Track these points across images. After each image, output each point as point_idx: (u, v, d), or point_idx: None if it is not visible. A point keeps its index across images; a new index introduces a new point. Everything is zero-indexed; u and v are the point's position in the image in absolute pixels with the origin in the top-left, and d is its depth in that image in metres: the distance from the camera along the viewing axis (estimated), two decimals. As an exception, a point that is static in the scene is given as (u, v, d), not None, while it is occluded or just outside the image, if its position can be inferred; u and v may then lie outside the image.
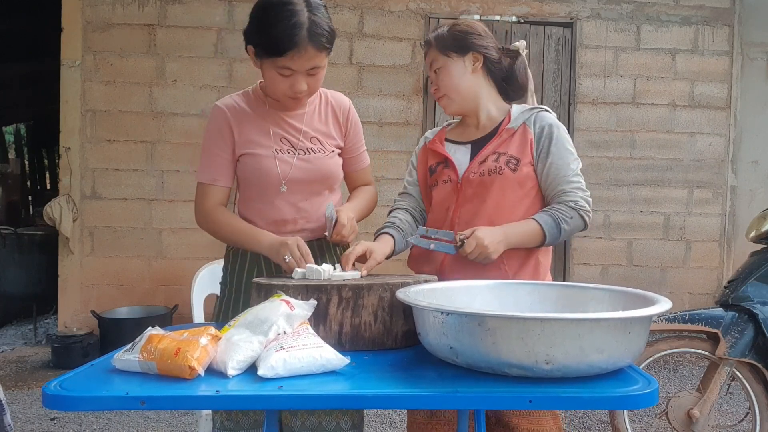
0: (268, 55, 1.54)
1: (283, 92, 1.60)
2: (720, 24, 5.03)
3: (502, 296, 1.44)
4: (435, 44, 1.74)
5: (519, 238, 1.61)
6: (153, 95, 4.68)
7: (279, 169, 1.66)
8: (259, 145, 1.67)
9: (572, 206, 1.64)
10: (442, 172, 1.74)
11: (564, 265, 5.02)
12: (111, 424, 3.21)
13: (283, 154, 1.67)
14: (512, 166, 1.65)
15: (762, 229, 2.59)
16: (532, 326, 1.04)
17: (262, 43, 1.54)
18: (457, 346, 1.12)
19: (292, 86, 1.58)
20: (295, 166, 1.67)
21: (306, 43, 1.50)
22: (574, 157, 1.69)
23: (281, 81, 1.57)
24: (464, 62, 1.72)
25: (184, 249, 4.69)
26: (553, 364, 1.05)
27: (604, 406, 1.16)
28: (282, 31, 1.49)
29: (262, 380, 1.08)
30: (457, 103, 1.76)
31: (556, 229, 1.62)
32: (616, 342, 1.07)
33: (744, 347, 2.49)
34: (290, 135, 1.70)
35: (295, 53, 1.51)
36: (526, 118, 1.71)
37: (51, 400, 1.01)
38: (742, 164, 5.10)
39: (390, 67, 4.81)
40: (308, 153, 1.70)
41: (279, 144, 1.68)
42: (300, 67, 1.54)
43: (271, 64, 1.55)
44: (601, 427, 3.30)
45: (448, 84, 1.74)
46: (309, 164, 1.69)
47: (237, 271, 1.73)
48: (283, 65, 1.53)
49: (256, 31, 1.55)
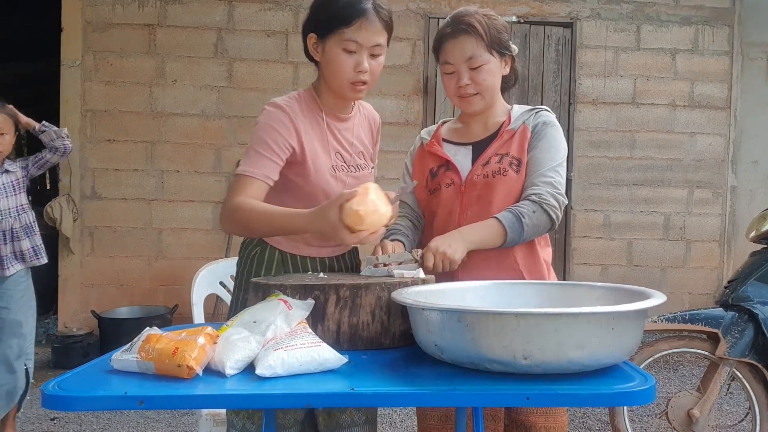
0: (333, 29, 1.53)
1: (347, 75, 1.55)
2: (720, 24, 5.03)
3: (509, 296, 1.43)
4: (483, 39, 1.62)
5: (477, 237, 1.57)
6: (153, 95, 4.68)
7: (338, 189, 1.60)
8: (320, 159, 1.61)
9: (534, 200, 1.59)
10: (445, 176, 1.70)
11: (564, 265, 5.02)
12: (111, 424, 3.21)
13: (339, 172, 1.63)
14: (515, 167, 1.64)
15: (762, 229, 2.59)
16: (508, 321, 1.04)
17: (327, 18, 1.54)
18: (441, 343, 1.13)
19: (357, 65, 1.54)
20: (348, 185, 1.62)
21: (372, 15, 1.51)
22: (557, 157, 1.65)
23: (346, 60, 1.54)
24: (502, 63, 1.68)
25: (184, 249, 4.69)
26: (531, 360, 1.04)
27: (601, 403, 1.16)
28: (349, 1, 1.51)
29: (260, 379, 1.08)
30: (485, 103, 1.68)
31: (517, 224, 1.56)
32: (598, 338, 1.05)
33: (744, 347, 2.49)
34: (343, 149, 1.66)
35: (363, 21, 1.51)
36: (526, 119, 1.69)
37: (50, 400, 1.01)
38: (742, 164, 5.09)
39: (390, 67, 4.78)
40: (358, 170, 1.68)
41: (335, 159, 1.64)
42: (365, 41, 1.53)
43: (336, 42, 1.53)
44: (601, 427, 3.30)
45: (488, 83, 1.65)
46: (358, 181, 1.63)
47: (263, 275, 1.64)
48: (350, 37, 1.52)
49: (320, 11, 1.56)
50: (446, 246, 1.53)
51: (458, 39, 1.63)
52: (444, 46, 1.67)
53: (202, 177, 4.71)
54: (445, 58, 1.67)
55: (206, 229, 4.70)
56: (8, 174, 2.93)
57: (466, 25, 1.63)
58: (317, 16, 1.58)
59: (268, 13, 4.72)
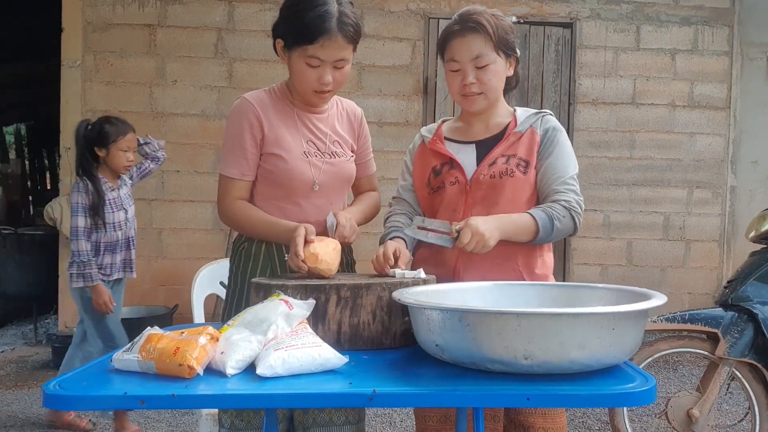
0: (297, 44, 1.56)
1: (310, 85, 1.60)
2: (720, 24, 5.03)
3: (510, 296, 1.43)
4: (491, 38, 1.61)
5: (513, 228, 1.57)
6: (153, 95, 4.68)
7: (312, 173, 1.66)
8: (289, 145, 1.66)
9: (565, 206, 1.62)
10: (449, 174, 1.69)
11: (564, 265, 5.02)
12: (111, 424, 3.21)
13: (312, 157, 1.67)
14: (522, 168, 1.64)
15: (762, 229, 2.59)
16: (509, 321, 1.04)
17: (292, 32, 1.57)
18: (442, 343, 1.13)
19: (320, 78, 1.58)
20: (324, 170, 1.68)
21: (336, 32, 1.53)
22: (572, 162, 1.68)
23: (309, 72, 1.58)
24: (507, 64, 1.68)
25: (184, 249, 4.69)
26: (532, 360, 1.04)
27: (601, 404, 1.16)
28: (313, 18, 1.52)
29: (261, 379, 1.08)
30: (488, 103, 1.68)
31: (549, 225, 1.59)
32: (599, 338, 1.06)
33: (744, 347, 2.49)
34: (317, 138, 1.70)
35: (325, 40, 1.52)
36: (533, 122, 1.69)
37: (51, 399, 1.01)
38: (742, 164, 5.09)
39: (390, 67, 4.81)
40: (334, 157, 1.71)
41: (307, 146, 1.68)
42: (329, 57, 1.55)
43: (300, 54, 1.56)
44: (601, 427, 3.30)
45: (493, 84, 1.65)
46: (335, 167, 1.70)
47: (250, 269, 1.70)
48: (313, 54, 1.55)
49: (287, 21, 1.59)
50: (485, 228, 1.50)
51: (466, 37, 1.62)
52: (451, 43, 1.65)
53: (202, 177, 4.71)
54: (452, 55, 1.65)
55: (206, 229, 4.70)
56: (126, 186, 3.13)
57: (475, 24, 1.61)
58: (284, 26, 1.61)
59: (268, 13, 4.71)
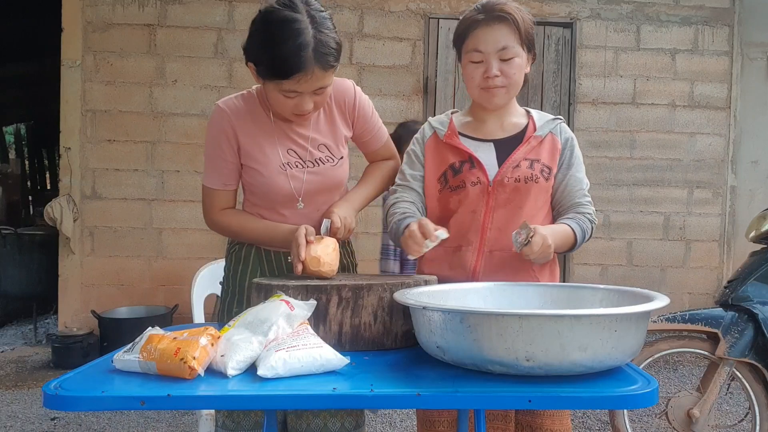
0: (271, 78, 1.44)
1: (288, 111, 1.51)
2: (720, 24, 5.03)
3: (511, 297, 1.42)
4: (519, 30, 1.55)
5: (561, 241, 1.56)
6: (153, 95, 4.68)
7: (292, 187, 1.60)
8: (266, 158, 1.58)
9: (590, 219, 1.63)
10: (470, 173, 1.59)
11: (564, 265, 5.02)
12: (111, 424, 3.21)
13: (292, 169, 1.59)
14: (546, 174, 1.61)
15: (762, 229, 2.59)
16: (511, 323, 1.04)
17: (264, 64, 1.43)
18: (443, 344, 1.13)
19: (297, 105, 1.48)
20: (306, 181, 1.60)
21: (312, 65, 1.40)
22: (585, 173, 1.68)
23: (286, 101, 1.48)
24: (528, 60, 1.63)
25: (184, 249, 4.69)
26: (534, 362, 1.04)
27: (603, 406, 1.16)
28: (286, 52, 1.38)
29: (261, 380, 1.08)
30: (508, 98, 1.62)
31: (581, 239, 1.59)
32: (601, 340, 1.05)
33: (744, 347, 2.49)
34: (297, 145, 1.61)
35: (301, 76, 1.40)
36: (552, 128, 1.65)
37: (51, 400, 1.01)
38: (742, 164, 5.09)
39: (390, 67, 4.81)
40: (317, 164, 1.62)
41: (287, 156, 1.59)
42: (306, 89, 1.45)
43: (274, 87, 1.45)
44: (601, 427, 3.30)
45: (516, 78, 1.58)
46: (318, 176, 1.62)
47: (240, 271, 1.72)
48: (289, 88, 1.44)
49: (258, 50, 1.44)
50: (551, 241, 1.46)
51: (492, 27, 1.54)
52: (474, 32, 1.56)
53: (202, 177, 4.70)
54: (475, 45, 1.56)
55: (206, 229, 4.59)
56: None
57: (503, 14, 1.54)
58: (254, 54, 1.46)
59: (268, 13, 4.71)
